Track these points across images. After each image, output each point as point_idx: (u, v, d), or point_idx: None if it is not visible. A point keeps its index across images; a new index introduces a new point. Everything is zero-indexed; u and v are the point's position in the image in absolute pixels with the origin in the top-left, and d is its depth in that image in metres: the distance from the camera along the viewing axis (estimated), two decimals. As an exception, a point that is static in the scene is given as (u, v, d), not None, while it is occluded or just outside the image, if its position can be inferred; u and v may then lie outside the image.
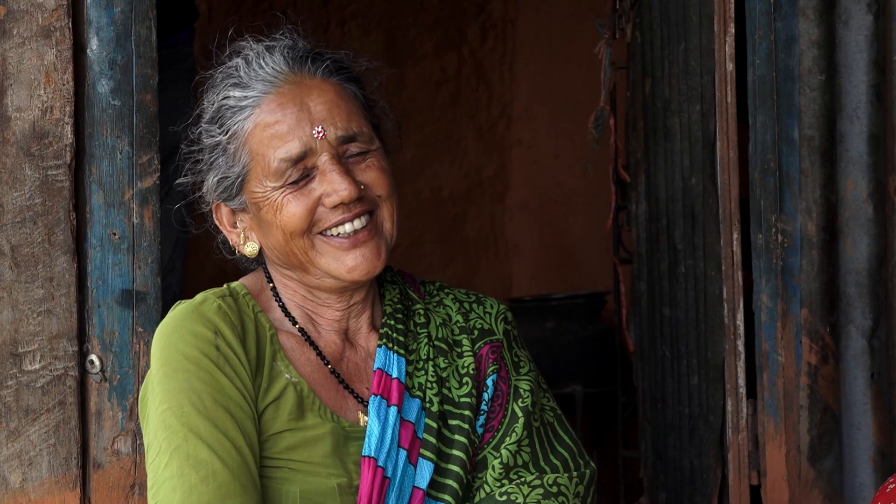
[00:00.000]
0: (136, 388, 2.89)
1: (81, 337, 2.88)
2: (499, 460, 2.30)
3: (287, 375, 2.27)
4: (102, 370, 2.88)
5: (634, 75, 4.10)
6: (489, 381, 2.34)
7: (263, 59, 2.31)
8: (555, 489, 2.30)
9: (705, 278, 3.54)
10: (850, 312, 3.28)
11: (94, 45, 2.88)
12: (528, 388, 2.36)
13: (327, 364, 2.31)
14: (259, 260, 2.41)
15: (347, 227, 2.26)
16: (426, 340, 2.36)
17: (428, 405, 2.30)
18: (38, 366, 2.85)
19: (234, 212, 2.35)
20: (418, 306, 2.40)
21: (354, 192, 2.24)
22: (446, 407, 2.31)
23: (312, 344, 2.32)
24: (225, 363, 2.22)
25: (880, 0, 3.25)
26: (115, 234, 2.88)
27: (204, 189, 2.35)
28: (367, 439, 2.24)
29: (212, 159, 2.32)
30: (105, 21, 2.87)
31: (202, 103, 2.35)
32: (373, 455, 2.23)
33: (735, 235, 3.36)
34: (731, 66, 3.36)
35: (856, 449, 3.28)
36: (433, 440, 2.28)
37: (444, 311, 2.40)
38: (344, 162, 2.26)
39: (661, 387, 3.86)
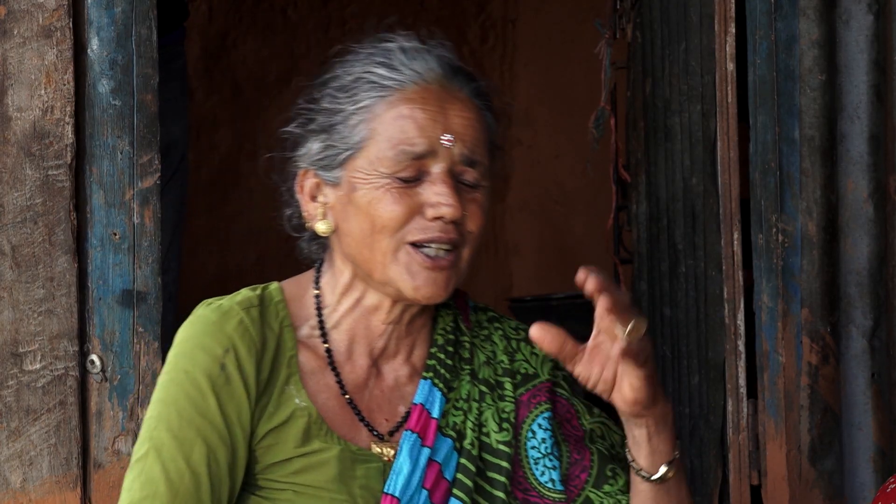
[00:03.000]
0: (136, 388, 2.89)
1: (82, 337, 2.88)
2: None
3: (297, 400, 2.18)
4: (103, 370, 2.88)
5: (635, 75, 4.10)
6: (535, 426, 2.25)
7: (420, 54, 2.24)
8: None
9: (706, 278, 3.54)
10: (851, 312, 3.28)
11: (94, 45, 2.88)
12: (599, 432, 2.31)
13: (345, 394, 2.22)
14: (313, 259, 2.32)
15: (433, 248, 2.17)
16: (468, 378, 2.26)
17: (469, 447, 2.21)
18: (38, 366, 2.85)
19: (319, 185, 2.25)
20: (465, 338, 2.30)
21: (458, 213, 2.15)
22: (484, 455, 2.23)
23: (335, 369, 2.23)
24: (224, 384, 2.15)
25: (881, 0, 3.25)
26: (115, 234, 2.88)
27: (302, 150, 2.25)
28: (393, 476, 2.16)
29: (326, 124, 2.22)
30: (105, 21, 2.88)
31: (333, 71, 2.27)
32: (397, 495, 2.16)
33: (735, 235, 3.36)
34: (731, 66, 3.36)
35: (856, 449, 3.28)
36: (469, 483, 2.19)
37: (490, 347, 2.31)
38: (456, 183, 2.18)
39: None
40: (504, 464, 2.22)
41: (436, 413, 2.21)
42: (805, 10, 3.23)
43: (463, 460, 2.20)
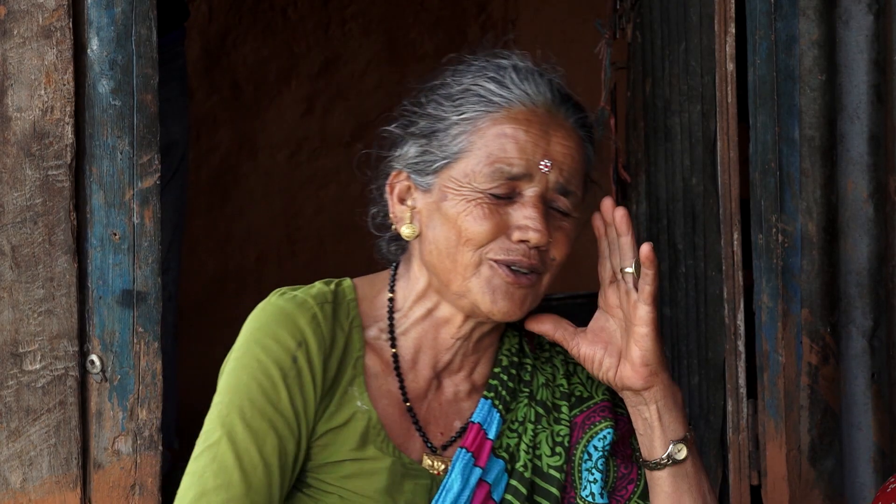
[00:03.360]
0: (136, 388, 2.89)
1: (82, 337, 2.88)
2: None
3: (359, 403, 2.19)
4: (103, 370, 2.88)
5: (635, 75, 4.10)
6: (590, 448, 2.27)
7: (532, 76, 2.22)
8: None
9: (706, 278, 3.54)
10: (851, 312, 3.28)
11: (94, 45, 2.88)
12: None
13: (406, 401, 2.23)
14: (391, 259, 2.31)
15: (514, 268, 2.17)
16: (526, 400, 2.28)
17: (521, 468, 2.23)
18: (38, 366, 2.85)
19: (410, 189, 2.24)
20: (528, 360, 2.31)
21: (545, 240, 2.16)
22: (535, 478, 2.24)
23: (399, 375, 2.23)
24: (295, 377, 2.15)
25: (881, 0, 3.25)
26: (115, 234, 2.89)
27: (399, 152, 2.24)
28: (442, 493, 2.18)
29: (427, 129, 2.22)
30: (105, 21, 2.88)
31: (443, 78, 2.25)
32: None
33: (735, 235, 3.36)
34: (731, 66, 3.36)
35: (856, 449, 3.28)
36: None
37: (550, 370, 2.32)
38: (546, 209, 2.18)
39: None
40: (553, 490, 2.24)
41: (492, 434, 2.23)
42: (805, 10, 3.23)
43: (514, 482, 2.22)
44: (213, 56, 6.15)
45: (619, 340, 2.21)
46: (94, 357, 2.88)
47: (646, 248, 2.16)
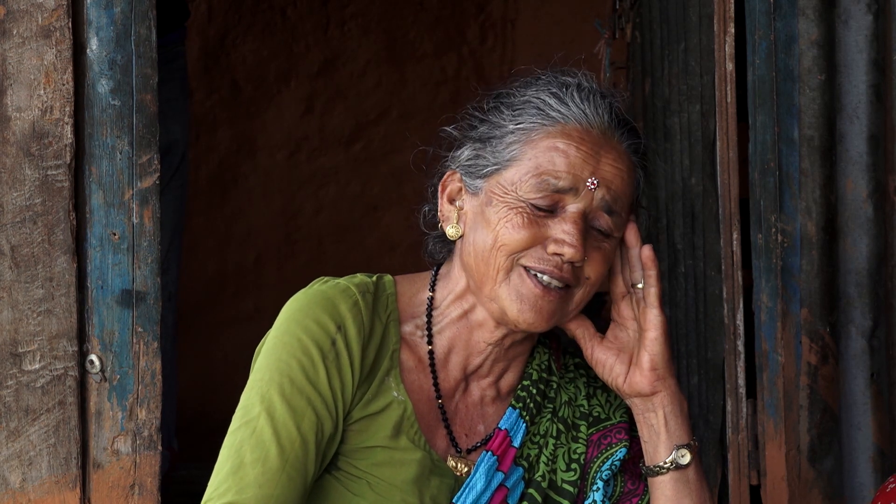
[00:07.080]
0: (135, 388, 2.89)
1: (81, 337, 2.88)
2: None
3: (395, 393, 2.23)
4: (102, 370, 2.88)
5: (634, 75, 4.10)
6: (606, 469, 2.31)
7: (593, 98, 2.26)
8: None
9: (705, 278, 3.54)
10: (850, 312, 3.28)
11: (93, 45, 2.88)
12: None
13: (438, 398, 2.28)
14: (435, 259, 2.35)
15: (546, 278, 2.21)
16: (549, 416, 2.33)
17: (539, 479, 2.28)
18: (37, 366, 2.85)
19: (461, 190, 2.28)
20: (554, 378, 2.36)
21: (579, 257, 2.19)
22: (549, 491, 2.29)
23: (434, 372, 2.28)
24: (333, 360, 2.19)
25: (880, 0, 3.25)
26: (114, 234, 2.89)
27: (457, 153, 2.30)
28: (465, 490, 2.23)
29: (485, 135, 2.26)
30: (105, 21, 2.88)
31: (510, 87, 2.30)
32: None
33: (735, 235, 3.36)
34: (730, 66, 3.36)
35: (856, 449, 3.28)
36: None
37: (573, 389, 2.37)
38: (586, 226, 2.22)
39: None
40: (565, 502, 2.29)
41: (516, 442, 2.28)
42: (804, 9, 3.23)
43: (531, 490, 2.27)
44: (213, 56, 6.15)
45: (630, 348, 2.28)
46: (93, 357, 2.88)
47: (646, 251, 2.26)
